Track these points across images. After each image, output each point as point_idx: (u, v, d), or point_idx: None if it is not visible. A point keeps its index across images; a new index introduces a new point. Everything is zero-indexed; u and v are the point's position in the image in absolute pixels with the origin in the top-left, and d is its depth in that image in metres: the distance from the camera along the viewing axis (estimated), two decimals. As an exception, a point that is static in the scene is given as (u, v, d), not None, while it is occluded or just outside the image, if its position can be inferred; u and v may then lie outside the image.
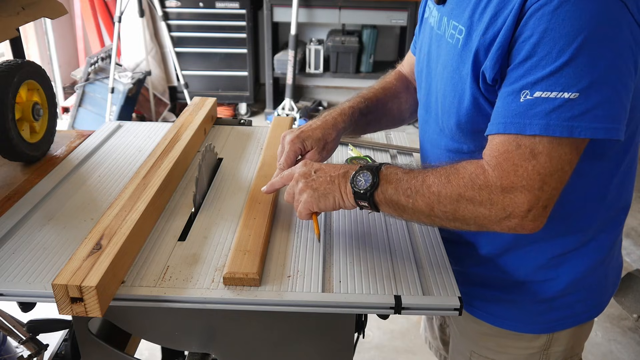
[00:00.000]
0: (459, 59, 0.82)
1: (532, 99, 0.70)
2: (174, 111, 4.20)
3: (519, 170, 0.72)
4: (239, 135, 1.35)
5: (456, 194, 0.75)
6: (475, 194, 0.74)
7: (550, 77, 0.69)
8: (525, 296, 0.93)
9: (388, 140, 1.36)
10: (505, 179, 0.72)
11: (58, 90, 4.13)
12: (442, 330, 1.26)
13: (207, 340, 0.87)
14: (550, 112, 0.69)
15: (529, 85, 0.71)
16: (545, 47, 0.69)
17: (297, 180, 0.87)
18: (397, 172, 0.81)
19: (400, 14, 3.87)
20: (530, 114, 0.70)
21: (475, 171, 0.75)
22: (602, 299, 0.98)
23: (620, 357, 2.08)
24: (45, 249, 0.89)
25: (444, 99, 0.88)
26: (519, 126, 0.71)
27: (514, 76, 0.73)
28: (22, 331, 1.16)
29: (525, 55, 0.71)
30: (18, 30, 1.17)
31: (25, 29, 3.84)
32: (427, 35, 0.95)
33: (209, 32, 3.97)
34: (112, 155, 1.23)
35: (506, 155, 0.73)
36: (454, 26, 0.84)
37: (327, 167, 0.86)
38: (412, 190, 0.78)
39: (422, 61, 0.98)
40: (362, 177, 0.81)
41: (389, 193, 0.80)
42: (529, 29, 0.70)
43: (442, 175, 0.78)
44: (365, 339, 1.85)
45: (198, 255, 0.88)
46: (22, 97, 1.14)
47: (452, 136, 0.89)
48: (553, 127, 0.69)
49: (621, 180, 0.88)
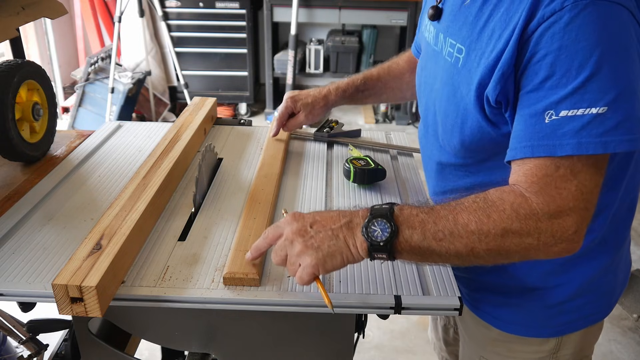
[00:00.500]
0: (459, 79, 0.80)
1: (558, 119, 0.68)
2: (174, 111, 4.20)
3: (562, 192, 0.69)
4: (239, 135, 1.35)
5: (500, 229, 0.70)
6: (522, 225, 0.69)
7: (574, 94, 0.67)
8: (535, 301, 0.92)
9: (388, 140, 1.36)
10: (552, 204, 0.69)
11: (58, 90, 4.13)
12: (445, 331, 1.25)
13: (207, 340, 0.87)
14: (580, 129, 0.67)
15: (553, 105, 0.68)
16: (563, 64, 0.67)
17: (291, 240, 0.74)
18: (416, 213, 0.73)
19: (400, 14, 3.87)
20: (558, 134, 0.68)
21: (516, 200, 0.70)
22: (612, 300, 0.96)
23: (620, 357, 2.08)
24: (45, 249, 0.89)
25: (445, 118, 0.86)
26: (550, 148, 0.68)
27: (534, 98, 0.70)
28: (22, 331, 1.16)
29: (544, 76, 0.69)
30: (18, 30, 1.17)
31: (25, 29, 3.84)
32: (424, 50, 0.95)
33: (209, 32, 3.97)
34: (112, 155, 1.23)
35: (547, 180, 0.69)
36: (451, 44, 0.82)
37: (324, 218, 0.75)
38: (445, 233, 0.71)
39: (420, 76, 0.97)
40: (377, 226, 0.71)
41: (414, 240, 0.71)
42: (542, 49, 0.69)
43: (477, 211, 0.71)
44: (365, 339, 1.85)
45: (198, 255, 0.88)
46: (22, 97, 1.14)
47: (455, 153, 0.88)
48: (586, 145, 0.67)
49: (629, 182, 0.87)
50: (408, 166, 1.23)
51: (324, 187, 1.10)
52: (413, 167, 1.22)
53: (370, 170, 1.09)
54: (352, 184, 1.11)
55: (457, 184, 0.91)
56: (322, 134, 1.31)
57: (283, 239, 0.75)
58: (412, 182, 1.15)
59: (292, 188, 1.10)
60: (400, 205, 0.74)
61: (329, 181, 1.14)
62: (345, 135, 1.33)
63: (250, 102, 4.26)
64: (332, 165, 1.21)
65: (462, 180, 0.91)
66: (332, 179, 1.15)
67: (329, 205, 1.05)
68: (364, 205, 1.04)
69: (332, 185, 1.13)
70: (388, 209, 0.73)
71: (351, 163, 1.09)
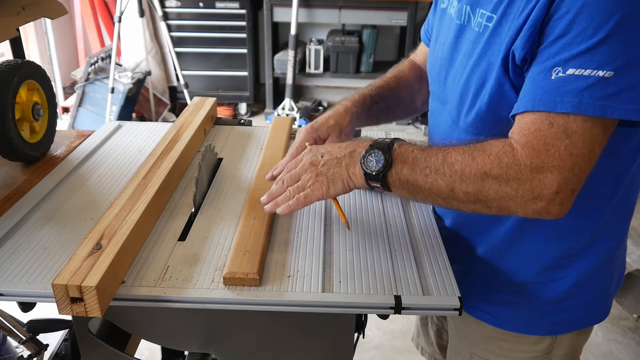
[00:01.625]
0: (487, 46, 0.80)
1: (564, 77, 0.68)
2: (174, 111, 4.20)
3: (550, 149, 0.69)
4: (239, 135, 1.35)
5: (481, 172, 0.71)
6: (502, 172, 0.70)
7: (585, 54, 0.67)
8: (530, 298, 0.91)
9: (388, 140, 1.36)
10: (535, 158, 0.69)
11: (58, 90, 4.13)
12: (439, 336, 1.24)
13: (207, 340, 0.87)
14: (583, 90, 0.67)
15: (562, 62, 0.68)
16: (581, 23, 0.67)
17: (305, 170, 0.83)
18: (412, 149, 0.77)
19: (400, 14, 3.87)
20: (561, 91, 0.68)
21: (503, 148, 0.72)
22: (607, 301, 0.96)
23: (620, 357, 2.08)
24: (45, 249, 0.89)
25: (464, 89, 0.85)
26: (549, 103, 0.68)
27: (547, 54, 0.70)
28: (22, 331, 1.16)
29: (560, 32, 0.69)
30: (18, 30, 1.17)
31: (25, 29, 3.84)
32: (446, 27, 0.92)
33: (209, 32, 3.97)
34: (112, 155, 1.23)
35: (537, 134, 0.69)
36: (481, 14, 0.81)
37: (334, 148, 0.83)
38: (431, 169, 0.74)
39: (438, 52, 0.94)
40: (373, 157, 0.77)
41: (404, 173, 0.76)
42: (565, 5, 0.68)
43: (465, 152, 0.74)
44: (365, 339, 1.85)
45: (198, 255, 0.88)
46: (22, 97, 1.14)
47: (467, 128, 0.87)
48: (585, 106, 0.67)
49: (631, 180, 0.86)
50: (408, 166, 1.22)
51: (324, 187, 1.10)
52: (413, 167, 1.22)
53: (370, 170, 1.08)
54: (352, 184, 1.11)
55: None
56: (322, 134, 1.31)
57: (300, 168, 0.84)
58: (412, 182, 1.15)
59: (292, 188, 1.10)
60: (401, 141, 0.78)
61: (329, 181, 1.14)
62: (345, 135, 1.33)
63: (250, 102, 4.26)
64: (332, 165, 1.21)
65: None
66: (332, 179, 1.15)
67: (329, 205, 1.05)
68: (364, 206, 1.04)
69: (332, 185, 1.12)
70: (388, 142, 0.77)
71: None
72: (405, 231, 0.96)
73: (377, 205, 1.04)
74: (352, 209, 1.03)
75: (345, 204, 1.04)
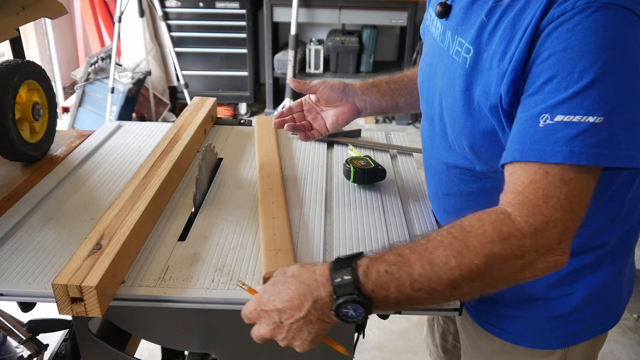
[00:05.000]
0: (469, 80, 0.77)
1: (552, 124, 0.64)
2: (174, 111, 4.20)
3: (550, 201, 0.64)
4: (239, 135, 1.35)
5: (483, 256, 0.64)
6: (505, 246, 0.64)
7: (573, 99, 0.63)
8: (540, 312, 0.89)
9: (388, 140, 1.36)
10: (537, 215, 0.64)
11: (58, 90, 4.13)
12: (444, 338, 1.23)
13: (207, 340, 0.87)
14: (574, 137, 0.63)
15: (549, 109, 0.65)
16: (566, 66, 0.64)
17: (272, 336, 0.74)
18: (385, 269, 0.67)
19: (400, 14, 3.86)
20: (551, 139, 0.64)
21: (497, 218, 0.66)
22: (618, 310, 0.94)
23: (620, 357, 2.08)
24: (45, 249, 0.89)
25: (454, 119, 0.82)
26: (539, 153, 0.65)
27: (533, 100, 0.67)
28: (22, 331, 1.16)
29: (545, 78, 0.66)
30: (18, 30, 1.17)
31: (25, 29, 3.84)
32: (429, 46, 0.91)
33: (209, 32, 3.97)
34: (112, 155, 1.23)
35: (534, 187, 0.65)
36: (459, 43, 0.79)
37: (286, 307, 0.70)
38: (422, 282, 0.66)
39: (425, 72, 0.93)
40: (348, 308, 0.67)
41: (391, 300, 0.67)
42: (547, 49, 0.66)
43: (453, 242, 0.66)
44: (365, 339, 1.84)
45: (198, 255, 0.88)
46: (22, 97, 1.14)
47: (465, 156, 0.84)
48: (578, 155, 0.63)
49: (636, 194, 0.84)
50: (408, 166, 1.23)
51: (324, 187, 1.10)
52: (413, 167, 1.22)
53: (370, 170, 1.09)
54: (352, 184, 1.11)
55: (462, 188, 0.89)
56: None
57: (262, 337, 0.74)
58: (412, 182, 1.15)
59: (292, 188, 1.10)
60: (363, 266, 0.67)
61: (329, 181, 1.14)
62: (345, 135, 1.33)
63: (250, 102, 4.26)
64: (332, 165, 1.21)
65: (467, 185, 0.88)
66: (332, 179, 1.15)
67: (329, 205, 1.05)
68: (364, 206, 1.04)
69: (332, 185, 1.13)
70: (352, 282, 0.66)
71: (351, 163, 1.09)
72: (405, 230, 0.96)
73: (377, 205, 1.04)
74: (351, 208, 1.03)
75: (344, 203, 1.04)
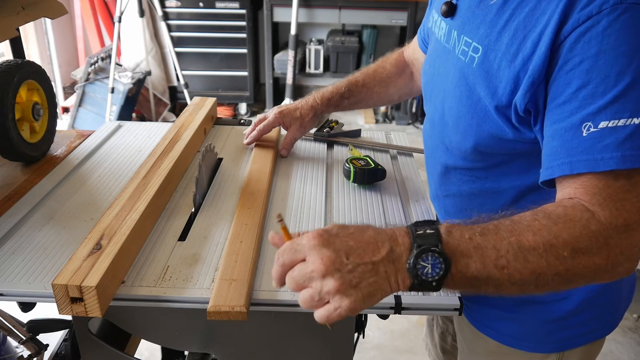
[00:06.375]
0: (475, 80, 0.76)
1: (597, 131, 0.63)
2: (174, 111, 4.20)
3: (626, 204, 0.62)
4: (239, 135, 1.35)
5: (570, 249, 0.61)
6: (592, 242, 0.61)
7: (615, 103, 0.62)
8: (535, 316, 0.88)
9: (388, 140, 1.36)
10: (619, 217, 0.62)
11: (58, 90, 4.13)
12: (442, 339, 1.23)
13: (207, 340, 0.87)
14: (622, 142, 0.62)
15: (591, 117, 0.63)
16: (601, 71, 0.63)
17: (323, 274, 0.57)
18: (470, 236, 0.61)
19: (400, 14, 3.87)
20: (599, 147, 0.62)
21: (584, 215, 0.62)
22: (616, 316, 0.94)
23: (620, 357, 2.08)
24: (45, 249, 0.89)
25: (457, 120, 0.81)
26: (589, 163, 0.63)
27: (568, 110, 0.65)
28: (22, 331, 1.16)
29: (578, 85, 0.64)
30: (18, 30, 1.17)
31: (25, 29, 3.84)
32: (433, 48, 0.90)
33: (209, 32, 3.97)
34: (112, 155, 1.23)
35: (608, 191, 0.63)
36: (466, 42, 0.78)
37: (361, 246, 0.59)
38: (509, 259, 0.60)
39: (428, 73, 0.92)
40: (427, 261, 0.59)
41: (471, 270, 0.60)
42: (577, 56, 0.64)
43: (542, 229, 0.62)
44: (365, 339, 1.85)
45: (198, 255, 0.88)
46: (22, 97, 1.14)
47: (464, 156, 0.84)
48: (631, 158, 0.61)
49: None
50: (408, 166, 1.23)
51: (324, 187, 1.10)
52: (413, 167, 1.22)
53: (370, 170, 1.09)
54: (352, 184, 1.11)
55: (461, 188, 0.89)
56: (322, 133, 1.31)
57: (309, 269, 0.58)
58: (412, 182, 1.15)
59: (293, 188, 1.10)
60: (445, 226, 0.62)
61: (329, 181, 1.14)
62: (345, 135, 1.33)
63: (250, 102, 4.26)
64: (332, 165, 1.21)
65: (466, 185, 0.88)
66: (332, 179, 1.15)
67: (328, 205, 1.05)
68: (364, 206, 1.04)
69: (332, 185, 1.13)
70: (434, 234, 0.60)
71: (351, 163, 1.09)
72: (405, 231, 0.96)
73: (377, 205, 1.04)
74: (351, 208, 1.03)
75: (344, 204, 1.04)
